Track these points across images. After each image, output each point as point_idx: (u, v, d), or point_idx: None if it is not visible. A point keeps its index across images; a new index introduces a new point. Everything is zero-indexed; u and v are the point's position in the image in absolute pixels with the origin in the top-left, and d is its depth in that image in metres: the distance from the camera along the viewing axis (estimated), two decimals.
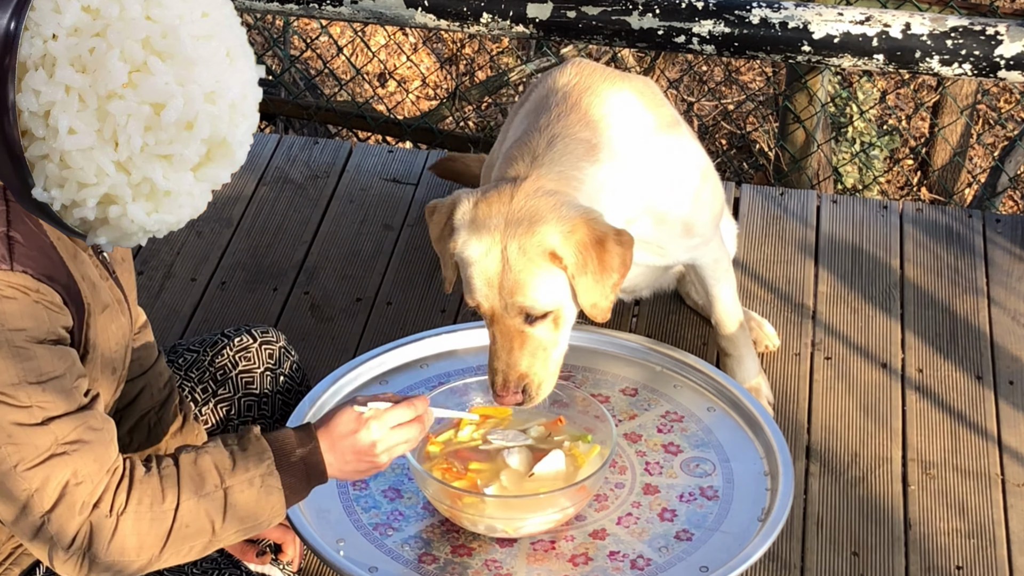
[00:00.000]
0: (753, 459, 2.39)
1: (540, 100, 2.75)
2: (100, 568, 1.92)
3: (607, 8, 3.54)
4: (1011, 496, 3.00)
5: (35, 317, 1.86)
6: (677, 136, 2.82)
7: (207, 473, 1.97)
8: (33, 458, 1.85)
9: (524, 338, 2.47)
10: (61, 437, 1.87)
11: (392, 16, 3.68)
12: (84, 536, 1.89)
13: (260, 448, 2.01)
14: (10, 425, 1.84)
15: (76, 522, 1.88)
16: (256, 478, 1.99)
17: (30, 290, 1.86)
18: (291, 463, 2.02)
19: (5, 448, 1.84)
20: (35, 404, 1.85)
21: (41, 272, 1.88)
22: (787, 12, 3.50)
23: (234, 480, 1.97)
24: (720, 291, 3.07)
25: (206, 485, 1.96)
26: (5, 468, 1.85)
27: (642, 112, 2.74)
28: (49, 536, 1.89)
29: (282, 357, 2.57)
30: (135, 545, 1.92)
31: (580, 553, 2.21)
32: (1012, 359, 3.33)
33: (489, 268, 2.48)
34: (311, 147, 4.05)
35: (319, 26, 7.73)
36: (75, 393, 1.90)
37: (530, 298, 2.46)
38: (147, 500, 1.92)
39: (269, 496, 2.00)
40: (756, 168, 7.28)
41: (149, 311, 3.43)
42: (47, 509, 1.87)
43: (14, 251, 1.86)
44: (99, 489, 1.90)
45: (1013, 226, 3.74)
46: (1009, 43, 3.40)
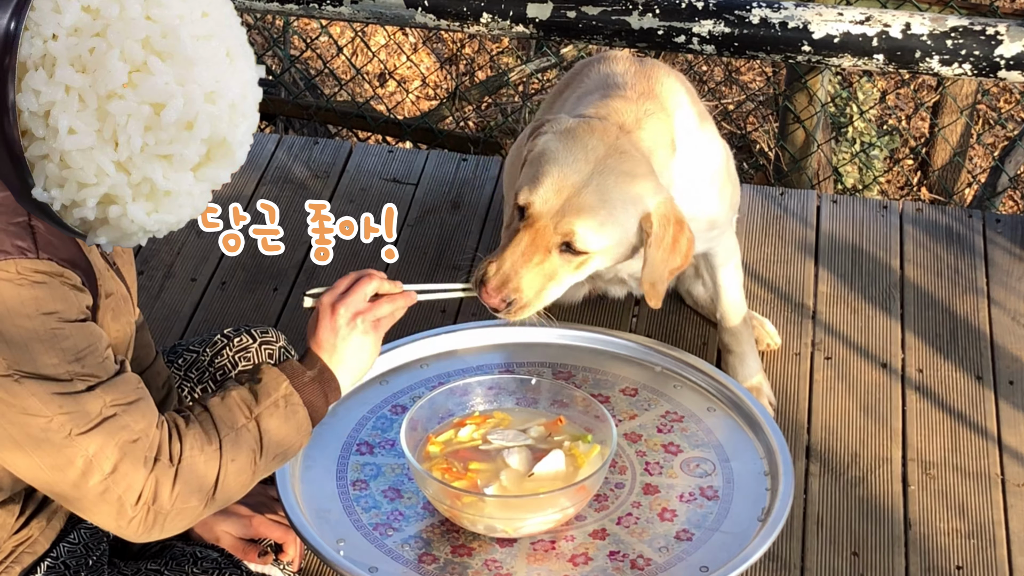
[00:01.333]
0: (753, 459, 2.39)
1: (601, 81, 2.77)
2: (164, 520, 1.97)
3: (607, 8, 3.54)
4: (1011, 496, 3.00)
5: (65, 299, 1.90)
6: (711, 132, 2.88)
7: (235, 409, 2.03)
8: (86, 423, 1.89)
9: (546, 258, 2.46)
10: (109, 400, 1.91)
11: (392, 16, 3.68)
12: (150, 491, 1.94)
13: (274, 375, 2.09)
14: (58, 397, 1.87)
15: (140, 477, 1.92)
16: (280, 400, 2.06)
17: (56, 275, 1.89)
18: (304, 383, 2.10)
19: (57, 419, 1.87)
20: (76, 377, 1.89)
21: (63, 258, 1.91)
22: (787, 12, 3.50)
23: (261, 408, 2.05)
24: (728, 279, 3.08)
25: (239, 420, 2.03)
26: (60, 439, 1.88)
27: (690, 106, 2.79)
28: (116, 497, 1.92)
29: (282, 357, 2.57)
30: (196, 489, 1.97)
31: (580, 553, 2.21)
32: (1012, 359, 3.33)
33: (570, 176, 2.45)
34: (311, 147, 4.05)
35: (319, 26, 7.73)
36: (109, 362, 1.95)
37: (589, 229, 2.45)
38: (198, 444, 1.98)
39: (295, 415, 2.08)
40: (756, 168, 7.28)
41: (149, 311, 3.43)
42: (108, 471, 1.90)
43: (37, 239, 1.88)
44: (155, 443, 1.94)
45: (1013, 226, 3.74)
46: (1009, 43, 3.40)
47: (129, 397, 1.94)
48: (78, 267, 1.94)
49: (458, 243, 3.68)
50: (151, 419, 1.96)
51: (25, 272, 1.85)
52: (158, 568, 2.24)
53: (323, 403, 2.13)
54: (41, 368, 1.86)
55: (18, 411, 1.86)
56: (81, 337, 1.91)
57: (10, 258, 1.84)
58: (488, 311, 2.53)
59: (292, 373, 2.11)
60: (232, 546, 2.36)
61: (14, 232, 1.86)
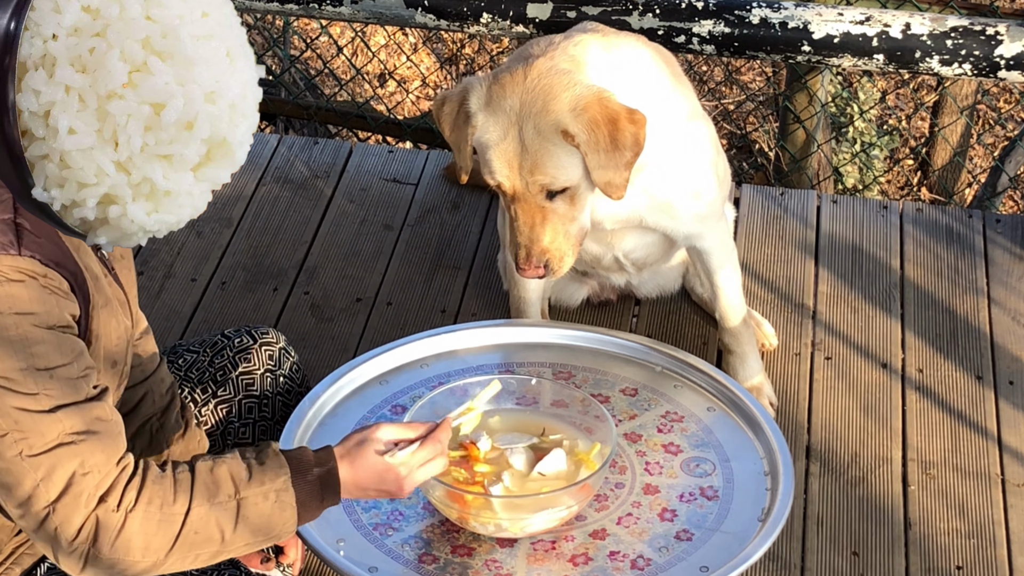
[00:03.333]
0: (753, 459, 2.39)
1: None
2: (102, 565, 1.90)
3: (607, 8, 3.54)
4: (1011, 496, 3.00)
5: (44, 303, 1.85)
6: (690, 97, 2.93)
7: (222, 482, 1.96)
8: (40, 446, 1.84)
9: (545, 213, 2.64)
10: (69, 427, 1.85)
11: (392, 16, 3.68)
12: (89, 530, 1.87)
13: (278, 463, 2.00)
14: (16, 411, 1.82)
15: (81, 514, 1.86)
16: (271, 492, 1.98)
17: (38, 275, 1.85)
18: (307, 481, 2.01)
19: (11, 435, 1.82)
20: (42, 392, 1.84)
21: (49, 258, 1.87)
22: (787, 12, 3.50)
23: (249, 492, 1.96)
24: (723, 280, 3.07)
25: (220, 494, 1.94)
26: (11, 455, 1.83)
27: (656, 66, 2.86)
28: (54, 527, 1.87)
29: (282, 358, 2.57)
30: (141, 545, 1.90)
31: (580, 553, 2.21)
32: (1012, 359, 3.33)
33: (508, 150, 2.64)
34: (311, 147, 4.05)
35: (319, 26, 7.73)
36: (83, 384, 1.89)
37: (549, 175, 2.62)
38: (157, 500, 1.90)
39: (283, 512, 1.99)
40: (756, 168, 7.28)
41: (149, 311, 3.43)
42: (52, 499, 1.85)
43: (22, 237, 1.85)
44: (107, 481, 1.88)
45: (1013, 226, 3.74)
46: (1009, 43, 3.40)
47: (93, 427, 1.87)
48: (65, 269, 1.90)
49: (458, 243, 3.68)
50: (111, 455, 1.89)
51: (4, 269, 1.82)
52: None
53: (317, 507, 2.03)
54: (6, 371, 1.82)
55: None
56: (56, 348, 1.86)
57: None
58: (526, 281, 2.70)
59: (297, 466, 2.01)
60: None
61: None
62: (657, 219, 2.90)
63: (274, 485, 1.98)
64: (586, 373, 2.59)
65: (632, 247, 3.06)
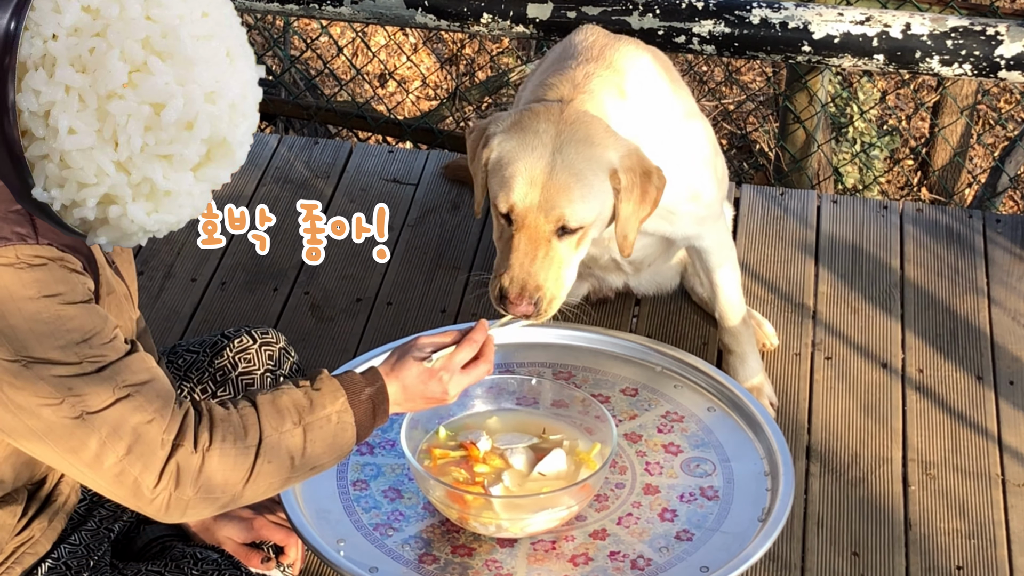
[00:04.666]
0: (753, 459, 2.39)
1: (560, 53, 2.83)
2: (185, 507, 1.95)
3: (607, 8, 3.54)
4: (1011, 496, 3.00)
5: (66, 281, 1.89)
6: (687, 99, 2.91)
7: (286, 412, 2.02)
8: (99, 404, 1.88)
9: (549, 248, 2.52)
10: (121, 381, 1.90)
11: (392, 16, 3.68)
12: (171, 475, 1.92)
13: (334, 387, 2.07)
14: (68, 379, 1.86)
15: (158, 459, 1.91)
16: (333, 415, 2.05)
17: (56, 259, 1.89)
18: (360, 401, 2.08)
19: (68, 400, 1.86)
20: (85, 360, 1.88)
21: (63, 244, 1.91)
22: (787, 12, 3.50)
23: (312, 417, 2.03)
24: (723, 279, 3.07)
25: (286, 423, 2.01)
26: (72, 419, 1.87)
27: (652, 64, 2.83)
28: (132, 479, 1.91)
29: (282, 358, 2.57)
30: (220, 482, 1.95)
31: (580, 553, 2.21)
32: (1012, 359, 3.33)
33: (535, 167, 2.51)
34: (311, 147, 4.05)
35: (319, 26, 7.73)
36: (117, 342, 1.93)
37: (575, 205, 2.50)
38: (231, 437, 1.96)
39: (344, 432, 2.06)
40: (756, 168, 7.29)
41: (149, 311, 3.44)
42: (122, 453, 1.89)
43: (37, 226, 1.88)
44: (174, 426, 1.92)
45: (1013, 226, 3.74)
46: (1009, 43, 3.40)
47: (142, 377, 1.93)
48: (80, 253, 1.94)
49: (458, 243, 3.68)
50: (167, 400, 1.94)
51: (25, 257, 1.85)
52: (159, 570, 2.24)
53: (370, 425, 2.11)
54: (48, 352, 1.86)
55: (29, 395, 1.85)
56: (87, 318, 1.90)
57: (10, 244, 1.84)
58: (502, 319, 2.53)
59: (351, 388, 2.08)
60: (234, 551, 2.36)
61: (13, 219, 1.86)
62: (656, 225, 2.89)
63: (334, 407, 2.05)
64: (586, 373, 2.59)
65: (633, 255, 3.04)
